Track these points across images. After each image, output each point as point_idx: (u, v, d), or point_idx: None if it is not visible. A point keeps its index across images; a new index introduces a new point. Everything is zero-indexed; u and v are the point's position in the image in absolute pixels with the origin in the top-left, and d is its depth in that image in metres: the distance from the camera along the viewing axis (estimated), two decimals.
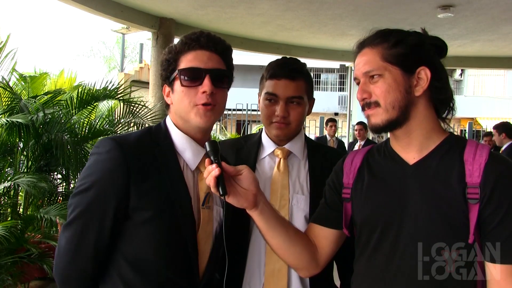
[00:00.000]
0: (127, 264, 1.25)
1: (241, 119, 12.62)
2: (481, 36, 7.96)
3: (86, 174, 1.26)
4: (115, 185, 1.22)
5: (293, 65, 1.68)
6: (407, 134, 1.24)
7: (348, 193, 1.34)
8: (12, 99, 4.22)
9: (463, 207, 1.14)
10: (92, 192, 1.22)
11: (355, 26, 7.53)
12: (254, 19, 7.48)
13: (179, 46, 1.35)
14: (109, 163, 1.23)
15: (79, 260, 1.24)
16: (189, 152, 1.34)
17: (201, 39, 1.33)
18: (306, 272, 1.42)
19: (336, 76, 27.19)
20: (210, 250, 1.34)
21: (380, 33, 1.25)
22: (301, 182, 1.68)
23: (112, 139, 1.28)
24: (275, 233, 1.32)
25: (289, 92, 1.63)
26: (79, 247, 1.23)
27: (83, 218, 1.23)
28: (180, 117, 1.35)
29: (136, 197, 1.22)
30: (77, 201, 1.24)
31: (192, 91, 1.30)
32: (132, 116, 4.90)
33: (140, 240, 1.24)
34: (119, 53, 17.41)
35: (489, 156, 1.15)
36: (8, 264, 3.39)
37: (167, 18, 7.43)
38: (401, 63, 1.20)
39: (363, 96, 1.24)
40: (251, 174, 1.26)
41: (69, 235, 1.24)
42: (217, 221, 1.38)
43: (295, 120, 1.66)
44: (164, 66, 1.36)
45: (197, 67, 1.31)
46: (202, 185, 1.33)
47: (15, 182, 3.58)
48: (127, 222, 1.24)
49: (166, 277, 1.26)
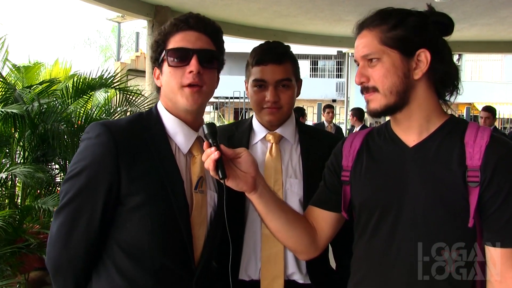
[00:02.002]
0: (121, 252, 1.24)
1: (239, 107, 12.59)
2: (479, 20, 7.91)
3: (76, 159, 1.25)
4: (105, 170, 1.21)
5: (278, 49, 1.67)
6: (408, 117, 1.23)
7: (347, 176, 1.33)
8: (6, 89, 4.18)
9: (463, 190, 1.13)
10: (82, 177, 1.21)
11: (352, 12, 7.47)
12: (251, 5, 7.41)
13: (168, 28, 1.34)
14: (99, 148, 1.22)
15: (71, 247, 1.22)
16: (181, 135, 1.33)
17: (189, 20, 1.32)
18: (305, 255, 1.42)
19: (334, 62, 27.12)
20: (205, 236, 1.33)
21: (380, 13, 1.22)
22: (294, 166, 1.68)
23: (102, 124, 1.26)
24: (274, 216, 1.32)
25: (277, 76, 1.63)
26: (71, 233, 1.22)
27: (74, 203, 1.22)
28: (169, 99, 1.33)
29: (127, 182, 1.21)
30: (67, 187, 1.23)
31: (179, 71, 1.28)
32: (129, 104, 4.87)
33: (133, 226, 1.23)
34: (115, 42, 17.29)
35: (490, 138, 1.14)
36: (7, 255, 3.38)
37: (163, 5, 7.36)
38: (400, 46, 1.18)
39: (361, 80, 1.23)
40: (250, 157, 1.26)
41: (60, 222, 1.23)
42: (211, 206, 1.37)
43: (286, 103, 1.66)
44: (154, 48, 1.35)
45: (185, 47, 1.28)
46: (195, 169, 1.32)
47: (12, 173, 3.56)
48: (120, 208, 1.24)
49: (161, 263, 1.25)
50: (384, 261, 1.22)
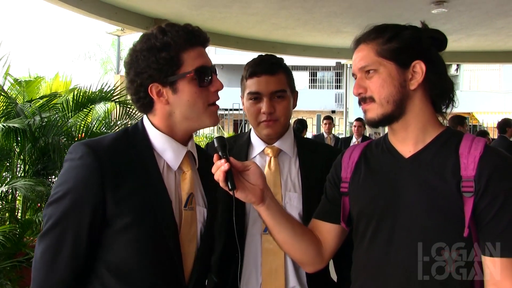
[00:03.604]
0: (109, 273, 1.20)
1: (238, 119, 12.62)
2: (476, 30, 7.97)
3: (59, 182, 1.20)
4: (89, 192, 1.16)
5: (271, 60, 1.68)
6: (404, 127, 1.25)
7: (346, 187, 1.35)
8: (8, 104, 4.21)
9: (458, 200, 1.14)
10: (66, 200, 1.17)
11: (350, 23, 7.53)
12: (249, 18, 7.47)
13: (177, 42, 1.24)
14: (82, 169, 1.17)
15: (57, 271, 1.18)
16: (170, 152, 1.29)
17: (195, 33, 1.28)
18: (312, 267, 1.43)
19: (332, 73, 27.24)
20: (195, 252, 1.31)
21: (376, 28, 1.26)
22: (293, 179, 1.68)
23: (84, 144, 1.21)
24: (282, 228, 1.34)
25: (271, 87, 1.63)
26: (56, 257, 1.17)
27: (59, 227, 1.17)
28: (183, 118, 1.27)
29: (113, 203, 1.17)
30: (51, 211, 1.18)
31: (204, 91, 1.27)
32: (129, 117, 4.89)
33: (121, 247, 1.20)
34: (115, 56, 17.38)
35: (484, 149, 1.15)
36: (7, 269, 3.37)
37: (161, 19, 7.41)
38: (395, 57, 1.21)
39: (358, 91, 1.25)
40: (258, 170, 1.28)
41: (44, 246, 1.18)
42: (200, 222, 1.34)
43: (282, 114, 1.65)
44: (159, 63, 1.22)
45: (205, 65, 1.27)
46: (184, 186, 1.30)
47: (13, 187, 3.57)
48: (107, 230, 1.19)
49: (151, 283, 1.22)
50: (382, 268, 1.23)
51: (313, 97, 23.45)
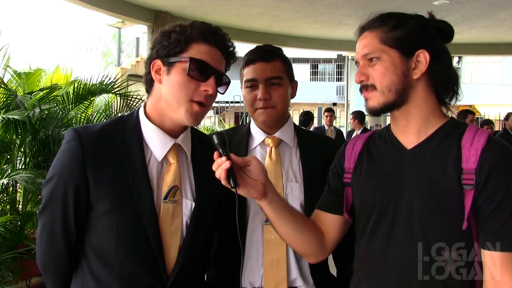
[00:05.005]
0: (93, 254, 1.27)
1: (239, 111, 12.61)
2: (478, 22, 7.94)
3: (52, 164, 1.29)
4: (71, 174, 1.23)
5: (266, 48, 1.68)
6: (405, 115, 1.23)
7: (349, 178, 1.35)
8: (8, 96, 4.20)
9: (458, 193, 1.13)
10: (54, 181, 1.26)
11: (351, 15, 7.50)
12: (250, 10, 7.44)
13: (193, 32, 1.27)
14: (67, 153, 1.25)
15: (53, 248, 1.28)
16: (156, 142, 1.30)
17: (217, 37, 1.30)
18: (314, 258, 1.44)
19: (334, 66, 27.15)
20: (179, 246, 1.30)
21: (381, 16, 1.24)
22: (294, 170, 1.67)
23: (74, 129, 1.28)
24: (284, 222, 1.33)
25: (267, 73, 1.62)
26: (50, 235, 1.27)
27: (49, 208, 1.27)
28: (166, 103, 1.28)
29: (94, 188, 1.23)
30: (44, 191, 1.28)
31: (193, 84, 1.25)
32: (129, 110, 4.89)
33: (102, 231, 1.25)
34: (116, 48, 17.32)
35: (487, 142, 1.14)
36: (9, 261, 3.38)
37: (162, 11, 7.39)
38: (399, 46, 1.19)
39: (360, 79, 1.24)
40: (259, 165, 1.27)
41: (42, 223, 1.29)
42: (186, 216, 1.33)
43: (279, 101, 1.64)
44: (169, 42, 1.27)
45: (209, 63, 1.27)
46: (167, 178, 1.30)
47: (13, 179, 3.57)
48: (91, 213, 1.26)
49: (130, 270, 1.25)
50: (381, 261, 1.23)
51: (315, 90, 23.38)
